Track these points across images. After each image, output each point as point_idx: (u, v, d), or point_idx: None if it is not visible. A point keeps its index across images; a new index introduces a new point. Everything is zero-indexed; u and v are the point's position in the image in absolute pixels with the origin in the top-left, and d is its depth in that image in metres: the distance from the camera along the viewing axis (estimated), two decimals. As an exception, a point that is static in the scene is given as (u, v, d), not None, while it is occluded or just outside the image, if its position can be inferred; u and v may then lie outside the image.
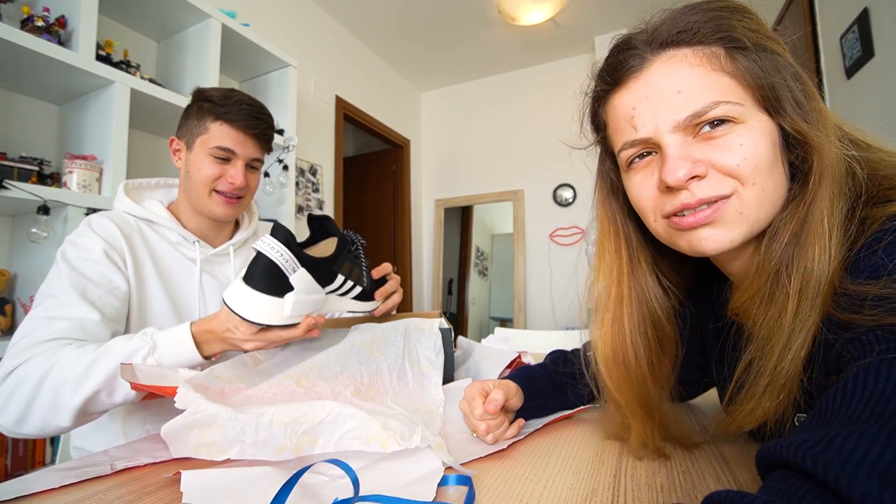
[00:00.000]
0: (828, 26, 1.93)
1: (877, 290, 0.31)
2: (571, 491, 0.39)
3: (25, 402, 0.60)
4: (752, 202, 0.39)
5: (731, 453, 0.46)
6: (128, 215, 0.83)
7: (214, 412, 0.46)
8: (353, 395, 0.57)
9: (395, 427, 0.45)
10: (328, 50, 3.00)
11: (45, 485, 0.41)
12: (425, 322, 0.70)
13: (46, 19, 1.34)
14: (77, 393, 0.59)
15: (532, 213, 3.74)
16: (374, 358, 0.64)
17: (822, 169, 0.37)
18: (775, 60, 0.39)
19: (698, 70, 0.39)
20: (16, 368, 0.63)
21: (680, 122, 0.39)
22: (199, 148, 0.83)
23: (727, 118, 0.39)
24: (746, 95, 0.39)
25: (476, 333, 4.16)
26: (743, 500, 0.23)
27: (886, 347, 0.28)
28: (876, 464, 0.21)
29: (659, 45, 0.41)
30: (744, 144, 0.38)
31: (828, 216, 0.36)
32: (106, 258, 0.75)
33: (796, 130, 0.38)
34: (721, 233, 0.40)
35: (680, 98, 0.39)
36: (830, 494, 0.22)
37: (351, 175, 3.91)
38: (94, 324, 0.68)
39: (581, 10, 3.07)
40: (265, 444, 0.45)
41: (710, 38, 0.39)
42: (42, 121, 1.53)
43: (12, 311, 1.37)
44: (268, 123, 0.87)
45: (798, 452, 0.24)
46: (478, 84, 4.07)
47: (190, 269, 0.87)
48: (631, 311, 0.49)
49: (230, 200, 0.86)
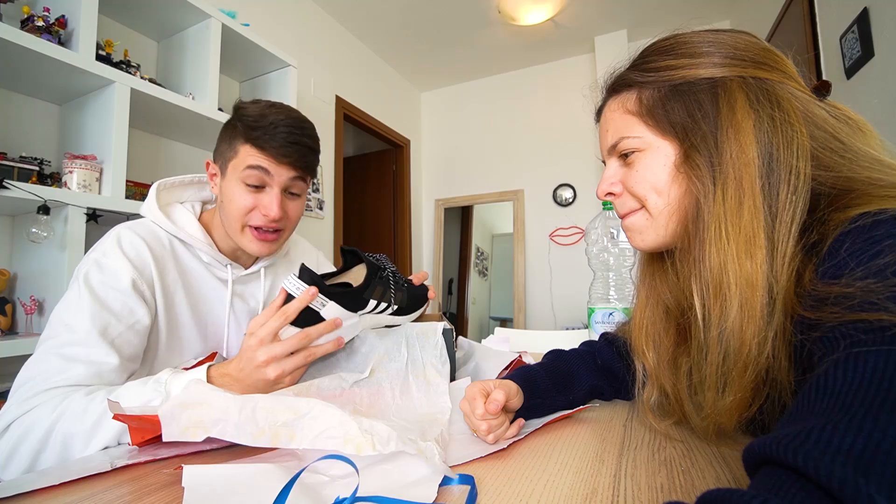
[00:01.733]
0: (827, 26, 1.93)
1: (839, 289, 0.33)
2: (571, 491, 0.39)
3: (31, 457, 0.56)
4: (655, 213, 0.48)
5: (731, 453, 0.46)
6: (161, 230, 0.76)
7: (207, 391, 0.47)
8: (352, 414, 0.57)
9: (379, 430, 0.44)
10: (328, 50, 3.00)
11: (45, 483, 0.41)
12: (427, 327, 0.69)
13: (46, 19, 1.34)
14: (88, 447, 0.54)
15: (532, 213, 3.74)
16: (376, 378, 0.63)
17: (725, 178, 0.42)
18: (682, 88, 0.46)
19: (615, 114, 0.52)
20: (20, 417, 0.57)
21: (607, 152, 0.53)
22: (231, 173, 0.74)
23: (631, 149, 0.49)
24: (647, 129, 0.48)
25: (476, 333, 4.16)
26: (734, 496, 0.24)
27: (851, 342, 0.30)
28: (849, 453, 0.23)
29: (606, 93, 0.54)
30: (641, 169, 0.49)
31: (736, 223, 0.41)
32: (132, 289, 0.68)
33: (694, 147, 0.45)
34: (636, 238, 0.52)
35: (608, 135, 0.53)
36: (813, 485, 0.23)
37: (351, 175, 3.91)
38: (111, 370, 0.63)
39: (581, 10, 3.08)
40: (243, 427, 0.45)
41: (622, 87, 0.51)
42: (42, 121, 1.53)
43: (12, 311, 1.37)
44: (308, 147, 0.75)
45: (780, 448, 0.25)
46: (478, 84, 4.08)
47: (220, 292, 0.81)
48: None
49: (265, 236, 0.76)
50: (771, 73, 0.45)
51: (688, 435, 0.51)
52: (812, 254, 0.38)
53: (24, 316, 1.35)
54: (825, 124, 0.43)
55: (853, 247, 0.34)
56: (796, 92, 0.44)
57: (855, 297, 0.31)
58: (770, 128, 0.42)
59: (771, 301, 0.39)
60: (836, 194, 0.40)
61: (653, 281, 0.56)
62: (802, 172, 0.40)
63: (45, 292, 1.35)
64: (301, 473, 0.39)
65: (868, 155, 0.42)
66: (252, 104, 0.75)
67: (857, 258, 0.33)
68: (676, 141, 0.47)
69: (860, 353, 0.28)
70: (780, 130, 0.42)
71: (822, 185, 0.41)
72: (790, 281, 0.39)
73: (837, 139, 0.42)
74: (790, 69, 0.46)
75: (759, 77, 0.44)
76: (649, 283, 0.57)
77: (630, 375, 0.61)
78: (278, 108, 0.75)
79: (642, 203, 0.49)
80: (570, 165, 3.59)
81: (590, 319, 1.03)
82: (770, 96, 0.43)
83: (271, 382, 0.59)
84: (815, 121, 0.43)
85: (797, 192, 0.40)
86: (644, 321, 0.57)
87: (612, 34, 3.35)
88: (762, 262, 0.39)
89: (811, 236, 0.39)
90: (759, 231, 0.40)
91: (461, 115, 4.14)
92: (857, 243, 0.34)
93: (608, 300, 1.03)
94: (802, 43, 2.03)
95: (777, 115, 0.42)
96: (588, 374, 0.65)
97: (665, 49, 0.49)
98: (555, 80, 3.74)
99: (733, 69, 0.45)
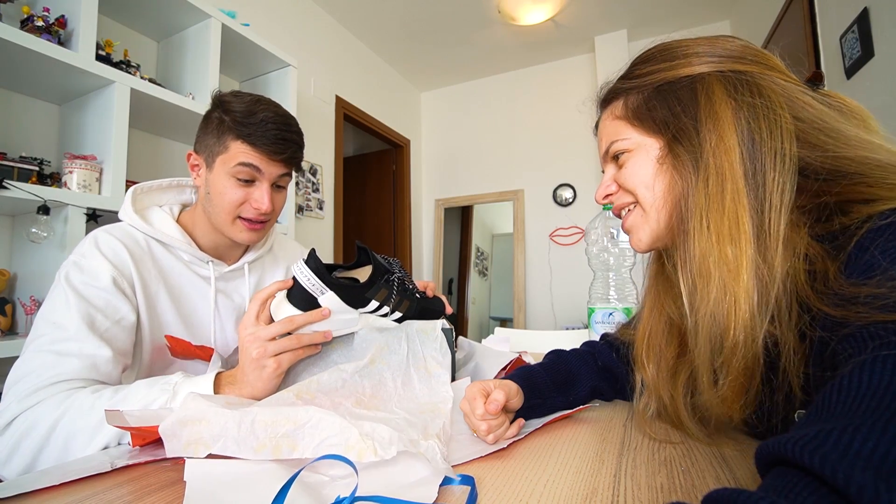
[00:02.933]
0: (828, 26, 1.93)
1: (870, 289, 0.32)
2: (571, 491, 0.39)
3: (33, 454, 0.55)
4: (646, 206, 0.50)
5: (731, 453, 0.46)
6: (136, 232, 0.77)
7: (204, 408, 0.47)
8: (354, 405, 0.57)
9: (381, 434, 0.44)
10: (328, 50, 3.00)
11: (46, 483, 0.41)
12: (427, 325, 0.70)
13: (46, 19, 1.34)
14: (90, 445, 0.54)
15: (532, 213, 3.74)
16: (377, 368, 0.63)
17: (707, 167, 0.43)
18: (663, 88, 0.48)
19: (606, 122, 0.55)
20: (22, 414, 0.57)
21: (603, 159, 0.56)
22: (220, 167, 0.75)
23: (621, 150, 0.52)
24: (633, 130, 0.51)
25: (476, 333, 4.16)
26: (741, 497, 0.23)
27: (880, 344, 0.28)
28: (871, 457, 0.21)
29: (600, 107, 0.57)
30: (630, 167, 0.51)
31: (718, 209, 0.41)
32: (113, 286, 0.69)
33: (676, 140, 0.46)
34: (634, 238, 0.54)
35: (601, 143, 0.56)
36: (828, 489, 0.22)
37: (351, 175, 3.91)
38: (105, 361, 0.64)
39: (581, 10, 3.07)
40: (245, 442, 0.45)
41: (612, 98, 0.54)
42: (42, 121, 1.53)
43: (12, 311, 1.37)
44: (297, 144, 0.77)
45: (796, 448, 0.24)
46: (478, 84, 4.08)
47: (203, 290, 0.82)
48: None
49: (255, 226, 0.79)
50: (751, 66, 0.45)
51: (687, 435, 0.51)
52: (832, 246, 0.37)
53: (24, 316, 1.35)
54: (809, 107, 0.43)
55: (886, 244, 0.33)
56: (780, 81, 0.45)
57: (888, 298, 0.30)
58: (750, 114, 0.42)
59: (762, 286, 0.39)
60: (827, 175, 0.40)
61: (657, 292, 0.57)
62: (788, 154, 0.40)
63: (45, 292, 1.33)
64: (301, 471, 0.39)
65: (856, 136, 0.41)
66: (235, 98, 0.75)
67: (890, 257, 0.32)
68: (660, 137, 0.48)
69: (889, 355, 0.27)
70: (761, 115, 0.42)
71: (811, 165, 0.41)
72: (796, 269, 0.38)
73: (822, 120, 0.42)
74: (773, 62, 0.46)
75: (737, 70, 0.45)
76: (653, 294, 0.57)
77: (630, 377, 0.61)
78: (265, 104, 0.75)
79: (635, 197, 0.51)
80: (570, 165, 3.59)
81: (590, 319, 1.03)
82: (750, 86, 0.44)
83: (254, 361, 0.60)
84: (799, 104, 0.43)
85: (784, 173, 0.40)
86: (646, 332, 0.57)
87: (612, 34, 3.35)
88: (747, 247, 0.39)
89: (831, 225, 0.38)
90: (744, 215, 0.40)
91: (461, 115, 4.14)
92: (891, 241, 0.33)
93: (608, 300, 1.03)
94: (802, 43, 2.03)
95: (758, 102, 0.42)
96: (589, 375, 0.65)
97: (648, 57, 0.51)
98: (555, 80, 3.74)
99: (712, 65, 0.46)
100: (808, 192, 0.41)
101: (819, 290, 0.37)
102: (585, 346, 0.72)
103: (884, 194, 0.36)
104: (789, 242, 0.39)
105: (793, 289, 0.39)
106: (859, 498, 0.20)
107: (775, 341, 0.39)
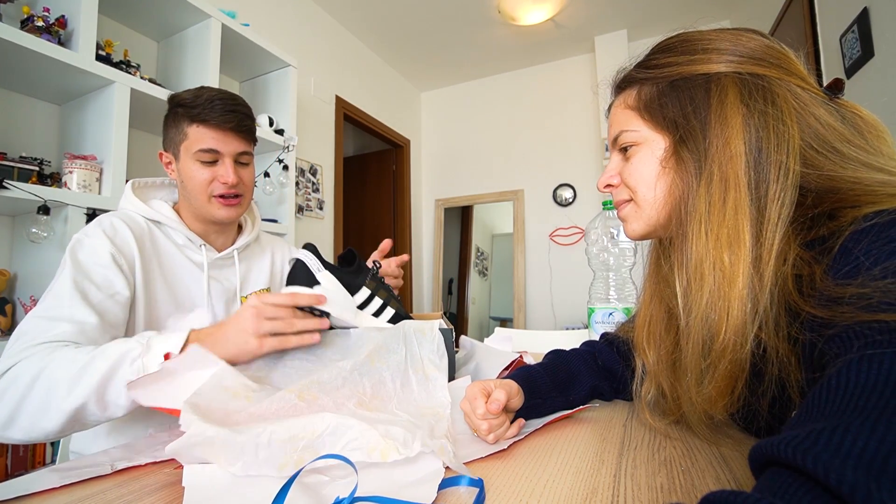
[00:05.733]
0: (828, 26, 1.93)
1: (854, 289, 0.32)
2: (571, 491, 0.39)
3: (15, 403, 0.58)
4: (643, 204, 0.50)
5: (731, 453, 0.46)
6: (137, 216, 0.83)
7: (212, 435, 0.44)
8: (356, 406, 0.57)
9: (396, 434, 0.44)
10: (328, 50, 3.00)
11: (46, 484, 0.41)
12: (425, 325, 0.69)
13: (46, 19, 1.34)
14: (71, 394, 0.57)
15: (532, 213, 3.74)
16: (377, 367, 0.63)
17: (711, 173, 0.43)
18: (678, 84, 0.48)
19: (618, 109, 0.54)
20: (9, 369, 0.61)
21: (611, 146, 0.56)
22: (185, 155, 0.83)
23: (629, 143, 0.52)
24: (643, 123, 0.50)
25: (476, 333, 4.16)
26: (738, 499, 0.23)
27: (865, 343, 0.29)
28: (861, 456, 0.22)
29: (614, 91, 0.56)
30: (635, 162, 0.51)
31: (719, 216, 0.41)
32: (112, 262, 0.74)
33: (682, 142, 0.46)
34: (627, 227, 0.54)
35: (611, 129, 0.55)
36: (821, 489, 0.22)
37: (351, 175, 3.91)
38: (93, 328, 0.68)
39: (581, 10, 3.07)
40: (267, 463, 0.43)
41: (627, 84, 0.53)
42: (42, 121, 1.53)
43: (12, 311, 1.37)
44: (244, 114, 0.86)
45: (788, 449, 0.24)
46: (478, 84, 4.07)
47: (196, 275, 0.87)
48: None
49: (230, 202, 0.86)
50: (770, 70, 0.44)
51: (687, 435, 0.51)
52: (818, 250, 0.38)
53: (24, 316, 1.35)
54: (819, 125, 0.43)
55: (870, 246, 0.33)
56: (797, 90, 0.44)
57: (871, 298, 0.30)
58: (761, 123, 0.42)
59: (754, 294, 0.39)
60: (821, 193, 0.40)
61: (657, 280, 0.57)
62: (791, 169, 0.40)
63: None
64: (300, 473, 0.39)
65: (856, 157, 0.41)
66: (184, 92, 0.84)
67: (873, 257, 0.32)
68: (668, 135, 0.48)
69: (875, 354, 0.27)
70: (770, 127, 0.42)
71: (808, 183, 0.41)
72: (784, 275, 0.39)
73: (824, 140, 0.42)
74: (795, 67, 0.45)
75: (756, 73, 0.44)
76: (654, 282, 0.57)
77: (630, 374, 0.61)
78: (209, 89, 0.85)
79: (632, 194, 0.52)
80: (570, 165, 3.59)
81: (590, 319, 1.03)
82: (765, 92, 0.43)
83: (243, 332, 0.62)
84: (810, 121, 0.43)
85: (786, 188, 0.40)
86: (647, 319, 0.57)
87: (612, 34, 3.35)
88: (745, 256, 0.40)
89: (819, 231, 0.39)
90: (745, 224, 0.40)
91: (461, 115, 4.14)
92: (874, 243, 0.33)
93: (608, 300, 1.03)
94: (802, 43, 2.03)
95: (770, 112, 0.42)
96: (589, 375, 0.65)
97: (668, 47, 0.50)
98: (555, 79, 3.74)
99: (731, 65, 0.45)
100: (802, 207, 0.41)
101: (806, 293, 0.37)
102: (585, 345, 0.72)
103: (869, 199, 0.37)
104: (781, 254, 0.39)
105: (780, 297, 0.39)
106: (851, 497, 0.21)
107: (764, 347, 0.40)
